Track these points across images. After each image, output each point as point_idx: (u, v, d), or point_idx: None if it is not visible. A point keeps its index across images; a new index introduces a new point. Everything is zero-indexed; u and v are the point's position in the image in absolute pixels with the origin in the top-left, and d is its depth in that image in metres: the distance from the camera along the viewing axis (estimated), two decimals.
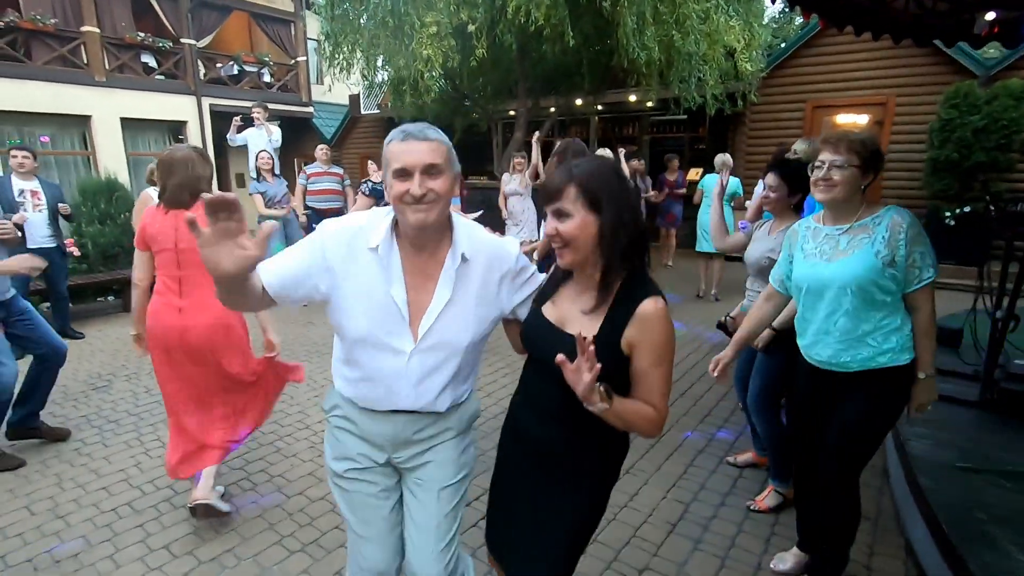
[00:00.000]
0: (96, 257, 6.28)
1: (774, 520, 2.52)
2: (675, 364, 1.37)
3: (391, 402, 1.38)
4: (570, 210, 1.20)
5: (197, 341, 2.30)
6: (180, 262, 2.29)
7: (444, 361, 1.37)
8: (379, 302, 1.32)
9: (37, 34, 10.06)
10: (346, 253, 1.31)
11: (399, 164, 1.24)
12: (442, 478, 1.46)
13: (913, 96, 7.88)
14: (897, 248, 1.71)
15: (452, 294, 1.34)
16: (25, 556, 2.28)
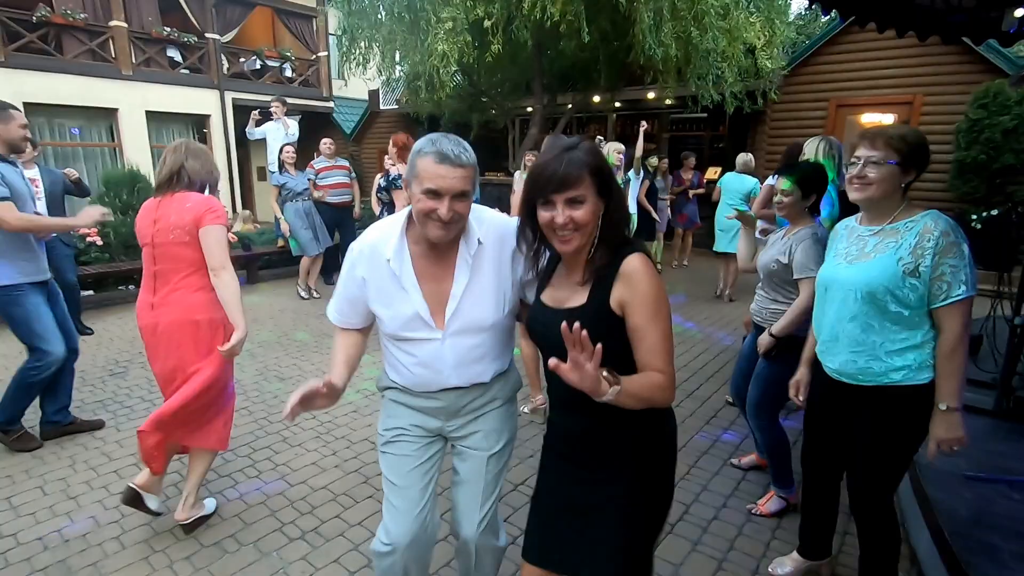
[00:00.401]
0: (117, 246, 6.44)
1: (775, 525, 2.49)
2: (685, 365, 1.40)
3: (439, 383, 1.52)
4: (584, 197, 1.21)
5: (166, 336, 2.22)
6: (155, 256, 2.23)
7: (476, 339, 1.49)
8: (401, 305, 1.46)
9: (68, 28, 10.32)
10: (369, 266, 1.48)
11: (432, 185, 1.32)
12: (489, 446, 1.59)
13: (940, 95, 7.66)
14: (923, 257, 1.55)
15: (470, 279, 1.45)
16: (36, 535, 2.36)
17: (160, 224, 2.19)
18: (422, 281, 1.46)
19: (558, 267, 1.38)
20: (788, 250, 2.33)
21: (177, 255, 2.19)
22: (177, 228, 2.17)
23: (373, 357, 4.50)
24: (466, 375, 1.52)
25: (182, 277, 2.21)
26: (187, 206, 2.19)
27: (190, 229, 2.17)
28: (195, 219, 2.17)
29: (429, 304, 1.45)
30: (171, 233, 2.17)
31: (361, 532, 2.40)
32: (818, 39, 8.56)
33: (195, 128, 12.82)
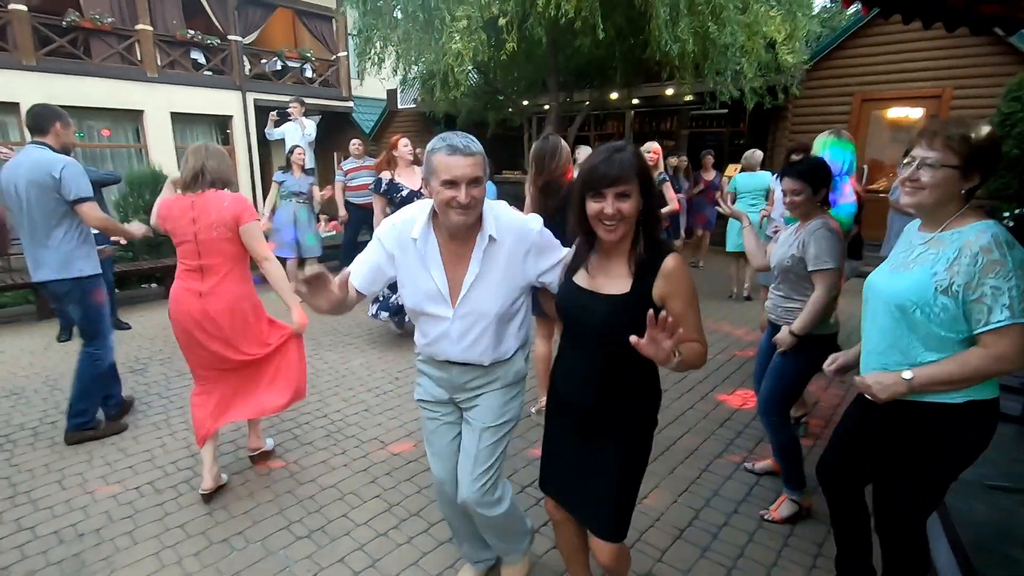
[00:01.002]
0: (140, 246, 6.59)
1: (788, 532, 2.43)
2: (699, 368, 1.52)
3: (445, 355, 1.72)
4: (631, 192, 1.40)
5: (215, 321, 2.50)
6: (200, 252, 2.47)
7: (479, 325, 1.66)
8: (423, 281, 1.65)
9: (96, 32, 10.59)
10: (396, 243, 1.67)
11: (449, 176, 1.49)
12: (486, 419, 1.77)
13: (971, 88, 7.40)
14: (957, 275, 1.38)
15: (480, 270, 1.62)
16: (52, 528, 2.42)
17: (200, 222, 2.43)
18: (446, 265, 1.64)
19: (592, 255, 1.55)
20: (801, 243, 2.27)
21: (223, 250, 2.48)
22: (220, 226, 2.45)
23: (377, 361, 4.52)
24: (466, 354, 1.69)
25: (228, 269, 2.52)
26: (224, 205, 2.46)
27: (231, 226, 2.46)
28: (235, 217, 2.46)
29: (449, 285, 1.64)
30: (214, 230, 2.45)
31: (367, 532, 2.41)
32: (842, 32, 8.34)
33: (218, 129, 13.05)
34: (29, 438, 3.20)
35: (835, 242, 2.21)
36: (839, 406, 3.65)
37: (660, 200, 1.51)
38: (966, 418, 1.48)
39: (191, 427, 3.31)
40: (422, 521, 2.48)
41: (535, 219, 1.70)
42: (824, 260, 2.20)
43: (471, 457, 1.77)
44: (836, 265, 2.21)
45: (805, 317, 2.25)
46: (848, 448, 1.80)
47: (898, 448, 1.60)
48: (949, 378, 1.43)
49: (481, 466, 1.76)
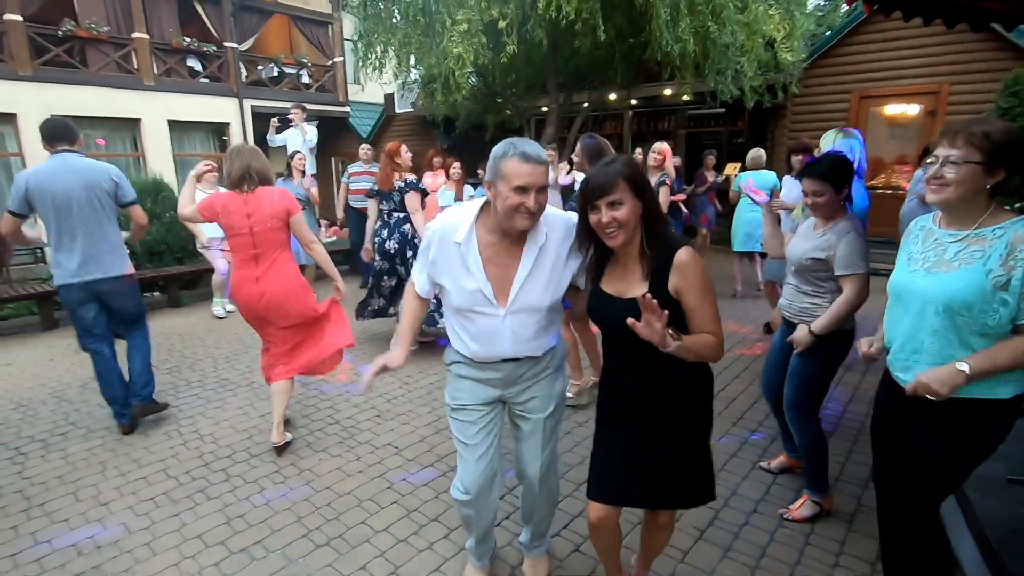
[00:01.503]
0: (142, 255, 6.56)
1: (809, 531, 2.42)
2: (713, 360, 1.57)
3: (499, 354, 1.77)
4: (622, 199, 1.49)
5: (273, 300, 2.95)
6: (255, 243, 2.90)
7: (531, 319, 1.73)
8: (465, 281, 1.70)
9: (92, 41, 10.57)
10: (440, 246, 1.73)
11: (521, 182, 1.54)
12: (543, 409, 1.87)
13: (969, 84, 7.44)
14: (1015, 269, 1.40)
15: (532, 267, 1.68)
16: (70, 540, 2.40)
17: (255, 216, 2.85)
18: (489, 265, 1.68)
19: (611, 261, 1.64)
20: (827, 245, 2.24)
21: (274, 239, 2.92)
22: (272, 218, 2.89)
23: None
24: (522, 349, 1.76)
25: (277, 255, 2.95)
26: (275, 199, 2.90)
27: (283, 217, 2.92)
28: (286, 209, 2.92)
29: (493, 285, 1.68)
30: (268, 222, 2.88)
31: (387, 538, 2.39)
32: (840, 30, 8.38)
33: (215, 136, 13.03)
34: (40, 450, 3.17)
35: (864, 245, 2.19)
36: (850, 402, 3.66)
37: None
38: (1006, 410, 1.49)
39: (203, 436, 3.32)
40: (442, 527, 2.47)
41: (574, 216, 1.73)
42: (856, 264, 2.17)
43: (539, 441, 1.88)
44: (867, 270, 2.20)
45: (830, 318, 2.22)
46: (894, 452, 1.78)
47: (937, 441, 1.60)
48: (1003, 366, 1.45)
49: (548, 446, 1.91)
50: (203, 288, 7.01)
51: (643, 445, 1.66)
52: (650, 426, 1.65)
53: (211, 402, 3.80)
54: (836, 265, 2.20)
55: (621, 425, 1.71)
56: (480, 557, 2.12)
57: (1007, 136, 1.44)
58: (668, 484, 1.66)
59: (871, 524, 2.43)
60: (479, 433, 1.86)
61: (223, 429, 3.41)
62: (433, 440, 3.24)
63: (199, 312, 6.17)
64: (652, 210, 1.53)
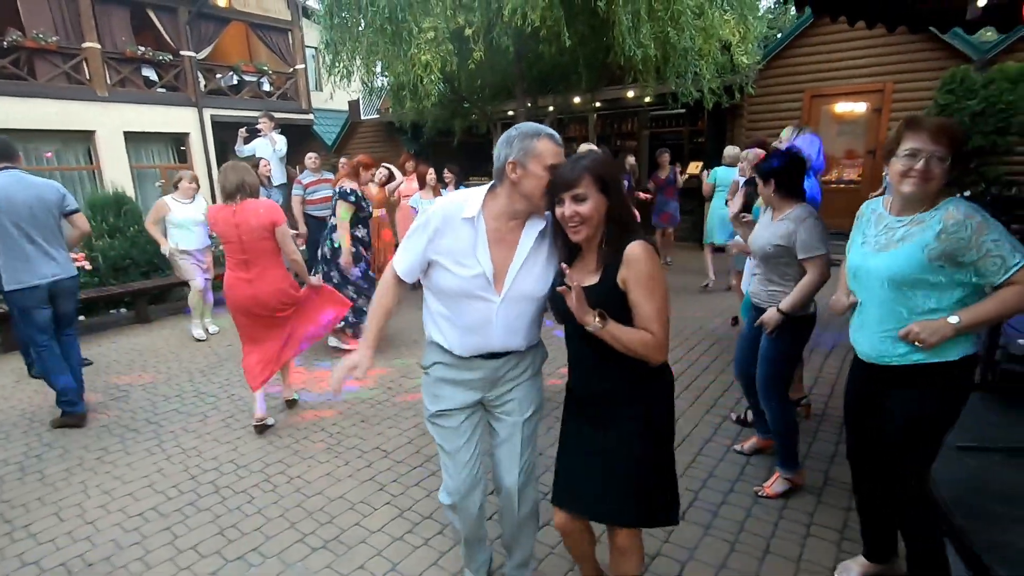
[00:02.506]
0: (107, 270, 6.38)
1: (782, 505, 2.59)
2: (682, 357, 1.60)
3: (487, 346, 1.73)
4: (586, 194, 1.50)
5: (265, 301, 3.30)
6: (244, 248, 3.21)
7: (523, 308, 1.72)
8: (468, 262, 1.66)
9: (40, 52, 10.21)
10: (444, 219, 1.67)
11: (554, 160, 1.58)
12: (522, 411, 1.85)
13: (910, 82, 7.90)
14: (959, 244, 1.57)
15: (528, 254, 1.68)
16: (58, 560, 2.37)
17: (242, 227, 3.15)
18: (492, 249, 1.67)
19: (578, 255, 1.64)
20: (786, 231, 2.41)
21: (262, 247, 3.23)
22: (259, 228, 3.17)
23: (368, 374, 4.53)
24: (510, 341, 1.74)
25: (267, 260, 3.27)
26: (261, 212, 3.18)
27: (268, 227, 3.20)
28: (272, 221, 3.20)
29: (495, 269, 1.66)
30: (255, 232, 3.17)
31: (383, 538, 2.45)
32: (791, 32, 8.77)
33: (175, 147, 12.72)
34: (16, 473, 3.10)
35: (822, 228, 2.37)
36: (836, 383, 3.88)
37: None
38: (958, 372, 1.66)
39: (186, 450, 3.29)
40: (436, 524, 2.54)
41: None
42: (816, 247, 2.35)
43: (516, 447, 1.85)
44: (826, 250, 2.38)
45: (795, 297, 2.39)
46: (864, 429, 1.93)
47: (899, 409, 1.75)
48: (989, 317, 1.61)
49: (524, 453, 1.86)
50: (171, 303, 6.86)
51: (594, 452, 1.64)
52: (602, 431, 1.63)
53: (192, 416, 3.76)
54: (798, 249, 2.38)
55: (577, 428, 1.71)
56: (476, 571, 2.10)
57: (963, 135, 1.65)
58: (614, 498, 1.61)
59: (838, 497, 2.62)
60: (461, 440, 1.83)
61: (206, 442, 3.39)
62: (420, 442, 3.29)
63: (170, 327, 6.04)
64: (619, 208, 1.54)
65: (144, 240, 6.70)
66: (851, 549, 2.25)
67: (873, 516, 2.04)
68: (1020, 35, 6.99)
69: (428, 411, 1.87)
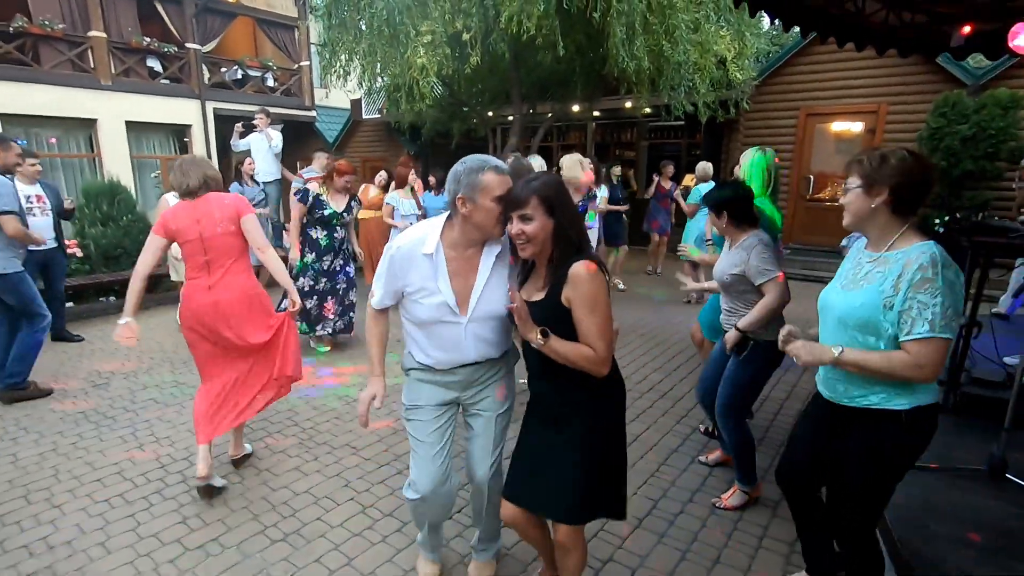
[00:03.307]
0: (98, 258, 6.44)
1: (738, 517, 2.62)
2: (660, 367, 1.68)
3: (462, 360, 1.87)
4: (532, 215, 1.59)
5: (227, 311, 2.70)
6: (205, 248, 2.68)
7: (491, 324, 1.84)
8: (433, 295, 1.78)
9: (45, 39, 10.27)
10: (408, 259, 1.79)
11: (501, 191, 1.66)
12: (495, 407, 1.97)
13: (904, 104, 7.97)
14: (900, 291, 1.52)
15: (489, 277, 1.79)
16: (22, 542, 2.41)
17: (204, 221, 2.66)
18: (452, 278, 1.78)
19: (533, 271, 1.76)
20: (739, 260, 2.46)
21: (226, 244, 2.70)
22: (224, 221, 2.69)
23: (346, 371, 4.58)
24: (483, 352, 1.87)
25: (232, 263, 2.73)
26: (226, 202, 2.73)
27: (234, 219, 2.71)
28: (236, 212, 2.72)
29: (457, 296, 1.78)
30: (219, 226, 2.67)
31: (342, 533, 2.49)
32: (788, 50, 8.84)
33: (176, 138, 12.79)
34: None
35: (771, 251, 2.42)
36: (786, 400, 3.92)
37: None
38: (910, 423, 1.60)
39: (160, 440, 3.33)
40: (396, 521, 2.58)
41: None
42: (768, 271, 2.38)
43: (489, 441, 1.96)
44: (779, 271, 2.42)
45: (753, 316, 2.42)
46: (803, 455, 1.92)
47: (847, 456, 1.71)
48: (872, 367, 1.55)
49: (496, 447, 1.98)
50: (160, 293, 6.89)
51: (542, 449, 1.74)
52: (552, 431, 1.72)
53: (168, 407, 3.80)
54: (751, 276, 2.42)
55: (531, 426, 1.81)
56: (432, 550, 2.20)
57: (881, 158, 1.57)
58: (554, 494, 1.69)
59: None
60: (434, 432, 1.92)
61: (180, 433, 3.43)
62: (390, 440, 3.34)
63: (158, 317, 6.09)
64: (566, 229, 1.60)
65: (137, 230, 6.77)
66: (799, 563, 2.28)
67: (811, 537, 2.04)
68: (1014, 62, 7.05)
69: (405, 405, 1.98)
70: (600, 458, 1.71)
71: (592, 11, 5.64)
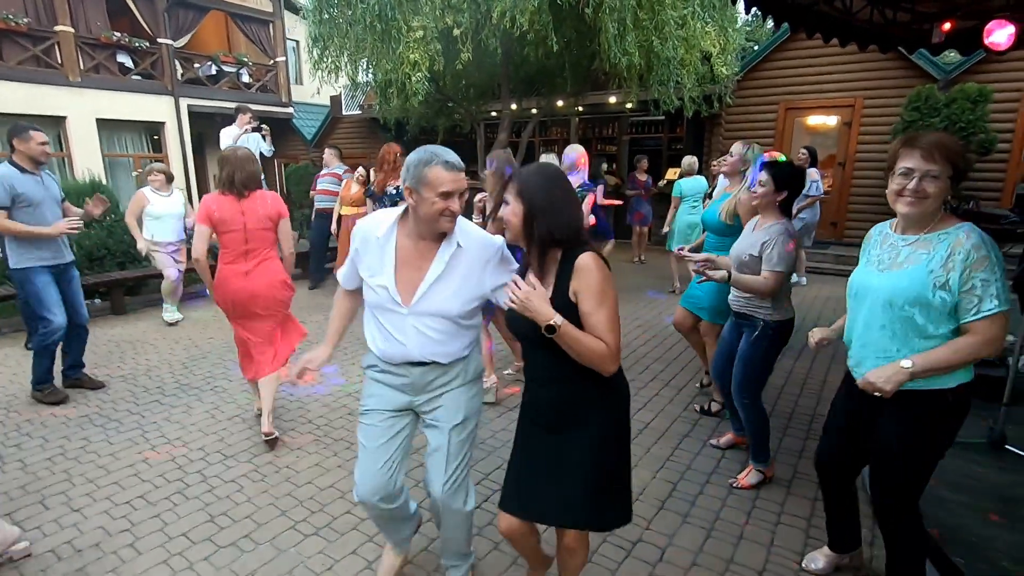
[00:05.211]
0: (82, 260, 6.23)
1: (755, 496, 2.73)
2: (660, 356, 1.66)
3: (404, 355, 1.81)
4: (510, 200, 1.57)
5: (260, 292, 3.14)
6: (247, 239, 3.10)
7: (438, 324, 1.77)
8: (379, 277, 1.77)
9: (9, 34, 9.89)
10: (363, 241, 1.82)
11: (446, 188, 1.63)
12: (451, 418, 1.86)
13: (879, 98, 8.25)
14: (952, 270, 1.53)
15: (442, 273, 1.74)
16: (47, 546, 2.37)
17: (248, 215, 3.08)
18: (402, 265, 1.76)
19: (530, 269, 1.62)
20: (758, 242, 2.55)
21: (264, 237, 3.15)
22: (265, 218, 3.13)
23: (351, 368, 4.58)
24: (427, 353, 1.80)
25: (265, 251, 3.17)
26: (268, 202, 3.16)
27: (274, 218, 3.17)
28: (277, 212, 3.18)
29: (400, 283, 1.75)
30: (261, 222, 3.11)
31: (374, 525, 2.50)
32: (767, 46, 9.06)
33: (149, 136, 12.45)
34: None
35: (791, 251, 2.50)
36: (805, 383, 4.06)
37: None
38: (954, 401, 1.63)
39: (171, 441, 3.29)
40: (424, 512, 2.60)
41: (498, 237, 1.82)
42: (777, 265, 2.48)
43: (443, 456, 1.83)
44: (786, 270, 2.52)
45: (746, 282, 2.53)
46: (843, 442, 1.95)
47: (889, 439, 1.73)
48: (945, 363, 1.57)
49: (453, 463, 1.85)
50: (147, 294, 6.74)
51: (551, 458, 1.64)
52: (559, 439, 1.62)
53: (175, 407, 3.75)
54: (764, 260, 2.52)
55: (534, 435, 1.70)
56: (396, 543, 2.15)
57: (964, 150, 1.60)
58: (570, 503, 1.61)
59: (806, 488, 2.78)
60: (383, 443, 1.86)
61: (191, 433, 3.39)
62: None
63: (147, 319, 5.96)
64: (531, 218, 1.51)
65: (121, 230, 6.58)
66: (818, 535, 2.39)
67: (838, 514, 2.12)
68: (980, 58, 7.37)
69: (360, 407, 1.95)
70: (612, 461, 1.64)
71: (584, 6, 5.71)
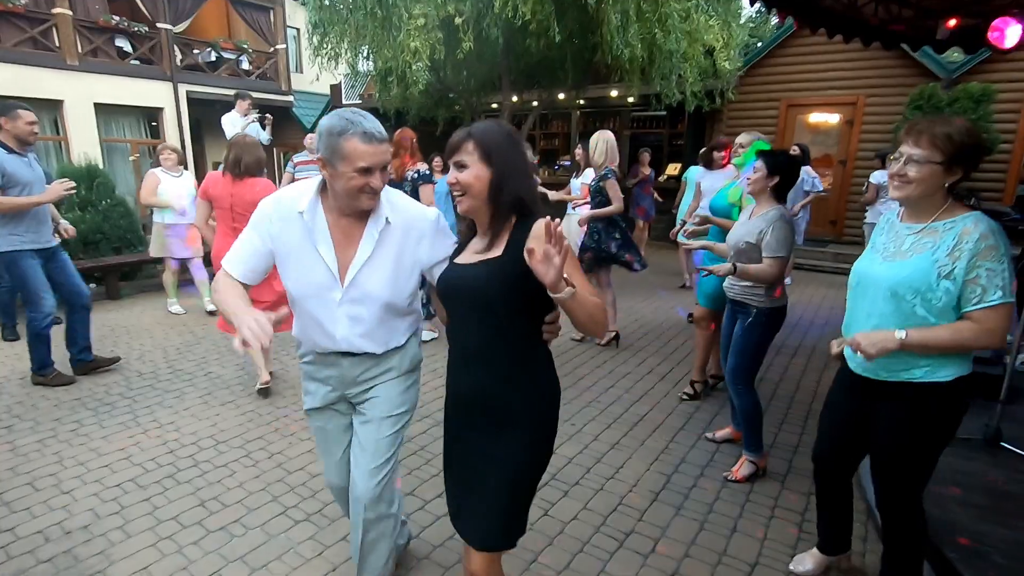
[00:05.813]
0: (76, 244, 6.19)
1: (748, 489, 2.72)
2: (657, 350, 1.56)
3: (334, 344, 1.63)
4: (467, 161, 1.37)
5: None
6: (234, 216, 3.39)
7: (369, 309, 1.60)
8: (309, 258, 1.55)
9: (6, 15, 9.78)
10: (279, 219, 1.57)
11: (365, 163, 1.43)
12: (383, 409, 1.71)
13: (882, 96, 8.22)
14: (959, 258, 1.50)
15: (372, 252, 1.56)
16: (35, 528, 2.35)
17: (236, 198, 3.36)
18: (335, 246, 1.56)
19: (475, 238, 1.48)
20: (758, 230, 2.54)
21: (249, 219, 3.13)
22: (252, 204, 3.12)
23: None
24: (358, 343, 1.62)
25: None
26: (257, 190, 3.31)
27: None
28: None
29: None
30: (247, 208, 3.18)
31: None
32: (770, 42, 9.02)
33: (147, 121, 12.35)
34: None
35: (790, 233, 2.51)
36: (801, 379, 4.05)
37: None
38: (953, 393, 1.60)
39: (163, 425, 3.27)
40: (418, 500, 2.60)
41: (432, 210, 1.66)
42: (777, 250, 2.47)
43: (368, 451, 1.68)
44: (787, 255, 2.52)
45: (749, 271, 2.53)
46: (841, 438, 1.91)
47: (890, 426, 1.69)
48: (940, 343, 1.53)
49: (379, 459, 1.68)
50: (143, 280, 6.71)
51: (478, 461, 1.46)
52: (491, 439, 1.43)
53: (168, 392, 3.72)
54: (763, 247, 2.51)
55: (465, 434, 1.50)
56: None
57: (968, 137, 1.52)
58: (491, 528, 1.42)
59: (800, 483, 2.78)
60: (331, 441, 1.81)
61: (184, 418, 3.37)
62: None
63: (142, 304, 5.93)
64: (500, 182, 1.35)
65: (116, 214, 6.55)
66: (811, 530, 2.38)
67: (832, 512, 2.08)
68: (984, 57, 7.33)
69: (304, 406, 1.83)
70: (537, 472, 1.47)
71: None
